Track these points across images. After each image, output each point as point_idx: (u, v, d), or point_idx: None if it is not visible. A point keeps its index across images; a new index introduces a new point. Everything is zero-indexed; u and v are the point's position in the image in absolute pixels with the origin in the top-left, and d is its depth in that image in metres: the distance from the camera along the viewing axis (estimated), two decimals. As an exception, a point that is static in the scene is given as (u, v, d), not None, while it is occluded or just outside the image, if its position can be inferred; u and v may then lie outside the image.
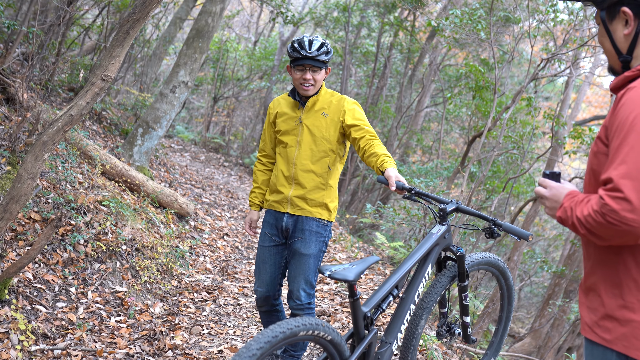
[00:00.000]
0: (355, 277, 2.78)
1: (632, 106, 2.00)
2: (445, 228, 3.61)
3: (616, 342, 2.09)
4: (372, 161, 3.78)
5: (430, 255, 3.53)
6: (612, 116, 2.08)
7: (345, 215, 13.97)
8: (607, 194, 1.96)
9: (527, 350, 12.34)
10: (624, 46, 2.22)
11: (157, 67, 14.49)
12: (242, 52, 20.02)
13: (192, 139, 17.84)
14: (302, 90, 3.97)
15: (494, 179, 12.40)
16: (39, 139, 4.27)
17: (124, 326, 5.28)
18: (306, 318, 2.59)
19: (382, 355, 3.22)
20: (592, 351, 2.19)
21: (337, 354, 2.80)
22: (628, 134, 1.97)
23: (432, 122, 19.23)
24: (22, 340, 4.32)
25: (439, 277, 3.66)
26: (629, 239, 1.97)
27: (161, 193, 8.01)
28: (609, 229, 1.96)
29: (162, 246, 6.89)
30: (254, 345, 2.36)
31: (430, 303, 3.52)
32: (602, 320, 2.14)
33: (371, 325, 3.07)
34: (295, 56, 3.87)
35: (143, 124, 9.10)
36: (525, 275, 15.81)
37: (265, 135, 4.29)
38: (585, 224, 2.03)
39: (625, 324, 2.07)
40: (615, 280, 2.12)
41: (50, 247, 5.48)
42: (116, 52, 4.41)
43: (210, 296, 6.56)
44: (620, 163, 1.96)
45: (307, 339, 2.61)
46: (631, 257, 2.08)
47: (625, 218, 1.91)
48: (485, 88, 10.34)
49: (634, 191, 1.90)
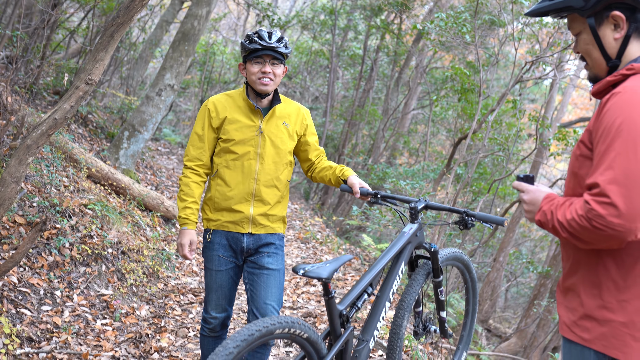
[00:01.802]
0: (329, 275, 2.80)
1: (618, 111, 2.02)
2: (417, 226, 3.65)
3: (595, 342, 2.12)
4: (328, 174, 3.76)
5: (403, 253, 3.57)
6: (596, 121, 2.10)
7: (332, 217, 14.00)
8: (593, 199, 1.98)
9: (513, 350, 12.41)
10: (614, 51, 2.23)
11: (143, 70, 14.47)
12: (229, 55, 20.02)
13: (179, 142, 17.80)
14: (260, 85, 3.59)
15: (480, 180, 12.47)
16: (23, 142, 4.27)
17: (109, 329, 5.28)
18: (282, 317, 2.61)
19: (359, 353, 3.25)
20: (570, 350, 2.22)
21: (314, 352, 2.82)
22: (614, 139, 1.99)
23: (418, 124, 19.30)
24: (6, 344, 4.31)
25: (414, 276, 3.71)
26: (614, 243, 2.00)
27: (147, 196, 8.00)
28: (595, 234, 1.99)
29: (148, 249, 6.89)
30: (231, 344, 2.38)
31: (409, 302, 3.57)
32: (581, 320, 2.18)
33: (347, 323, 3.09)
34: (252, 47, 3.53)
35: (129, 127, 9.09)
36: (512, 276, 15.89)
37: (204, 141, 3.71)
38: (567, 227, 2.06)
39: (604, 324, 2.11)
40: (595, 280, 2.16)
41: (35, 250, 5.47)
42: (100, 56, 4.41)
43: (196, 299, 6.57)
44: (607, 168, 1.98)
45: (283, 337, 2.63)
46: (610, 258, 2.12)
47: (612, 223, 1.94)
48: (470, 90, 10.40)
49: (620, 197, 1.93)
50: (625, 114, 2.00)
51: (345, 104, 17.58)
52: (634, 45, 2.21)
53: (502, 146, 10.91)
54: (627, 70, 2.13)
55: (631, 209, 1.92)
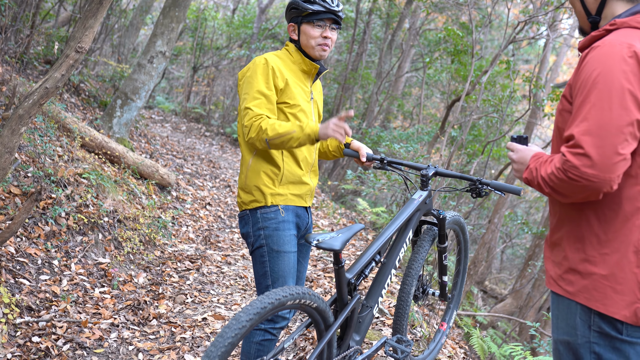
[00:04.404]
0: (341, 246, 2.77)
1: (594, 64, 2.05)
2: (427, 193, 3.56)
3: (578, 294, 2.17)
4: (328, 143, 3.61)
5: (412, 220, 3.50)
6: (576, 74, 2.14)
7: (327, 182, 14.02)
8: (568, 150, 2.02)
9: (509, 310, 12.56)
10: (593, 7, 2.28)
11: (134, 37, 14.34)
12: (221, 21, 19.84)
13: (173, 110, 17.73)
14: (320, 51, 3.30)
15: (474, 142, 12.46)
16: (15, 112, 4.26)
17: (108, 297, 5.32)
18: (293, 287, 2.59)
19: (363, 319, 3.26)
20: (558, 304, 2.27)
21: (321, 320, 2.83)
22: (590, 91, 2.02)
23: (412, 87, 19.22)
24: (6, 313, 4.36)
25: (420, 243, 3.65)
26: (590, 194, 2.03)
27: (142, 164, 8.00)
28: (571, 185, 2.02)
29: (144, 217, 6.91)
30: (244, 317, 2.34)
31: (417, 270, 3.53)
32: (566, 273, 2.22)
33: (354, 292, 3.08)
34: (316, 9, 3.23)
35: (122, 95, 9.05)
36: (507, 237, 15.99)
37: (272, 103, 3.18)
38: (548, 182, 2.09)
39: (587, 276, 2.15)
40: (578, 235, 2.20)
41: (32, 220, 5.49)
42: (90, 23, 4.38)
43: (193, 265, 6.61)
44: (582, 120, 2.01)
45: (294, 308, 2.61)
46: (593, 213, 2.15)
47: (586, 174, 1.97)
48: (463, 52, 10.34)
49: (593, 147, 1.96)
50: (602, 66, 2.03)
51: (339, 68, 17.47)
52: (615, 3, 2.23)
53: (495, 107, 10.90)
54: (610, 26, 2.16)
55: (604, 160, 1.95)
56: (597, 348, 2.14)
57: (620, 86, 1.98)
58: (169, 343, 4.82)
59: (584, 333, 2.16)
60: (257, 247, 3.23)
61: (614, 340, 2.12)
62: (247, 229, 3.25)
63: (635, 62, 2.00)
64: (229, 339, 2.28)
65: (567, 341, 2.23)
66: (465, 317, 8.48)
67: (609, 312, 2.10)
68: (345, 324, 3.10)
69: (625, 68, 1.99)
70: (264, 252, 3.21)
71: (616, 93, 1.98)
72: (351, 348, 3.14)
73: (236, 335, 2.30)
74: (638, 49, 2.01)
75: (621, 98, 1.97)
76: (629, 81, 1.98)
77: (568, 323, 2.22)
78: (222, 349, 2.26)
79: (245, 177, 3.24)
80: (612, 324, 2.11)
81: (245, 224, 3.27)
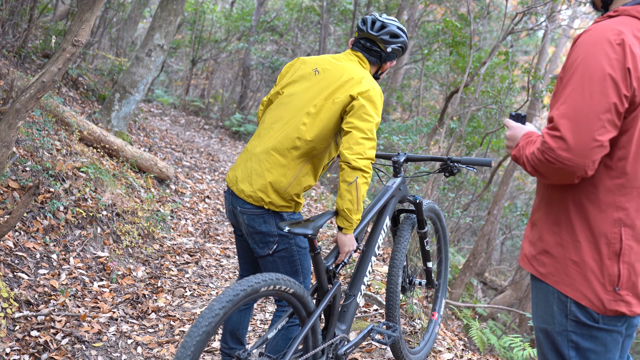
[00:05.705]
0: (314, 231, 2.80)
1: (581, 48, 2.06)
2: (400, 180, 3.68)
3: (549, 276, 2.21)
4: None
5: (387, 207, 3.59)
6: (567, 57, 2.15)
7: (327, 174, 14.02)
8: (547, 132, 2.04)
9: (509, 302, 12.57)
10: None
11: (132, 30, 14.32)
12: (219, 14, 19.78)
13: (172, 103, 17.70)
14: None
15: (473, 134, 12.45)
16: (12, 106, 4.26)
17: (106, 291, 5.33)
18: (267, 274, 2.60)
19: (347, 308, 3.30)
20: (537, 292, 2.30)
21: (301, 306, 2.83)
22: (573, 75, 2.03)
23: (411, 79, 19.18)
24: (5, 307, 4.36)
25: (400, 232, 3.74)
26: (564, 177, 2.05)
27: (140, 158, 8.00)
28: (547, 167, 2.04)
29: (143, 210, 6.91)
30: (216, 305, 2.36)
31: (401, 258, 3.62)
32: (540, 254, 2.25)
33: (334, 279, 3.12)
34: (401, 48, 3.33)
35: (120, 88, 9.04)
36: (507, 229, 15.99)
37: None
38: (530, 161, 2.11)
39: (559, 260, 2.18)
40: (555, 218, 2.22)
41: (30, 214, 5.49)
42: (86, 17, 4.37)
43: (192, 258, 6.62)
44: (562, 103, 2.03)
45: (269, 295, 2.62)
46: (572, 200, 2.17)
47: (561, 157, 1.98)
48: (462, 43, 10.32)
49: (569, 130, 1.97)
50: (587, 51, 2.03)
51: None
52: None
53: (494, 99, 10.88)
54: (613, 12, 2.15)
55: (579, 144, 1.96)
56: (574, 337, 2.17)
57: (602, 72, 1.97)
58: (167, 336, 4.83)
59: (561, 322, 2.19)
60: (283, 248, 3.15)
61: (591, 329, 2.14)
62: (269, 227, 3.12)
63: (621, 50, 1.98)
64: (203, 328, 2.31)
65: (546, 329, 2.25)
66: (464, 308, 8.49)
67: (575, 297, 2.13)
68: (328, 312, 3.13)
69: (610, 54, 1.98)
70: (293, 252, 3.16)
71: (597, 79, 1.98)
72: (337, 336, 3.16)
73: (210, 324, 2.32)
74: (627, 37, 2.00)
75: (602, 84, 1.97)
76: (612, 67, 1.97)
77: (546, 311, 2.24)
78: (196, 338, 2.28)
79: (289, 184, 3.07)
80: (588, 313, 2.13)
81: (265, 223, 3.11)
